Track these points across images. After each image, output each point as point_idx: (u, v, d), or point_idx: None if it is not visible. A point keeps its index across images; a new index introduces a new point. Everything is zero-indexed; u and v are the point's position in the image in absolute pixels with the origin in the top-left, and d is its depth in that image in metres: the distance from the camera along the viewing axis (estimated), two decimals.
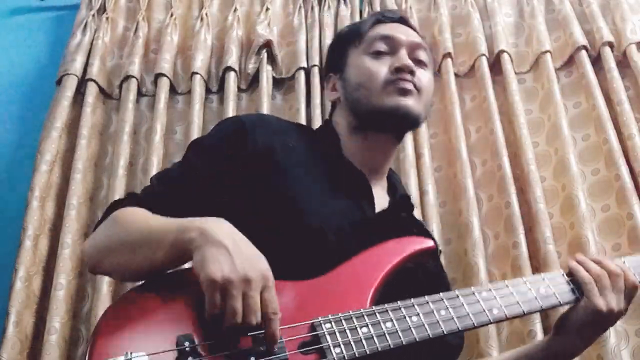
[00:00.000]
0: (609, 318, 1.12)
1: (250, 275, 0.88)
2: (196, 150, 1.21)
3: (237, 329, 0.87)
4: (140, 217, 1.06)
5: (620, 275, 1.12)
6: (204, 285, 0.88)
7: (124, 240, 1.03)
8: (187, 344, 0.87)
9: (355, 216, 1.15)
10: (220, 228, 0.93)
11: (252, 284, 0.88)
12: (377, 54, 1.25)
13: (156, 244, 0.97)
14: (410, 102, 1.20)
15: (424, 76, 1.25)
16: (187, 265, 1.09)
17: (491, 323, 1.05)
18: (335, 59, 1.34)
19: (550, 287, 1.11)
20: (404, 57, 1.23)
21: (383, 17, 1.32)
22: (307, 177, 1.15)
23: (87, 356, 0.86)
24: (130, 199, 1.14)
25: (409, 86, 1.21)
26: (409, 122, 1.24)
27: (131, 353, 0.84)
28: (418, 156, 2.16)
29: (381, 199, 1.24)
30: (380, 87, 1.21)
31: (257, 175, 1.12)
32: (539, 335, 1.79)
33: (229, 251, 0.89)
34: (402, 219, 1.25)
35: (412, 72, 1.22)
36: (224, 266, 0.88)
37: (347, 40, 1.32)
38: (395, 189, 1.31)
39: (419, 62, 1.27)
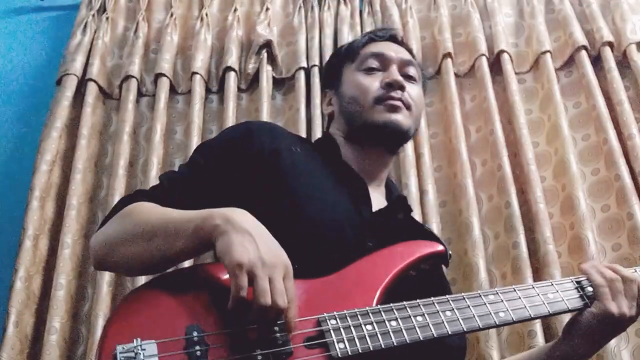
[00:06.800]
0: (620, 323, 1.12)
1: (274, 261, 0.92)
2: (204, 151, 1.25)
3: (261, 314, 0.89)
4: (156, 209, 1.07)
5: (634, 281, 1.13)
6: (230, 268, 0.90)
7: (140, 230, 1.03)
8: (195, 333, 0.90)
9: (353, 215, 1.18)
10: (244, 217, 0.97)
11: (276, 270, 0.91)
12: (370, 70, 1.32)
13: (176, 233, 0.99)
14: (399, 118, 1.27)
15: (413, 90, 1.32)
16: (186, 264, 1.10)
17: (497, 326, 1.06)
18: (331, 76, 1.42)
19: (559, 293, 1.12)
20: (394, 73, 1.30)
21: (375, 36, 1.40)
22: (310, 179, 1.20)
23: (99, 342, 0.89)
24: (140, 196, 1.15)
25: (398, 103, 1.27)
26: (398, 136, 1.31)
27: (141, 340, 0.87)
28: (418, 156, 2.16)
29: (380, 203, 1.27)
30: (372, 103, 1.28)
31: (263, 176, 1.15)
32: (539, 335, 1.79)
33: (254, 238, 0.93)
34: (400, 219, 1.27)
35: (402, 88, 1.29)
36: (250, 251, 0.91)
37: (341, 59, 1.40)
38: (393, 194, 1.36)
39: (409, 77, 1.34)
